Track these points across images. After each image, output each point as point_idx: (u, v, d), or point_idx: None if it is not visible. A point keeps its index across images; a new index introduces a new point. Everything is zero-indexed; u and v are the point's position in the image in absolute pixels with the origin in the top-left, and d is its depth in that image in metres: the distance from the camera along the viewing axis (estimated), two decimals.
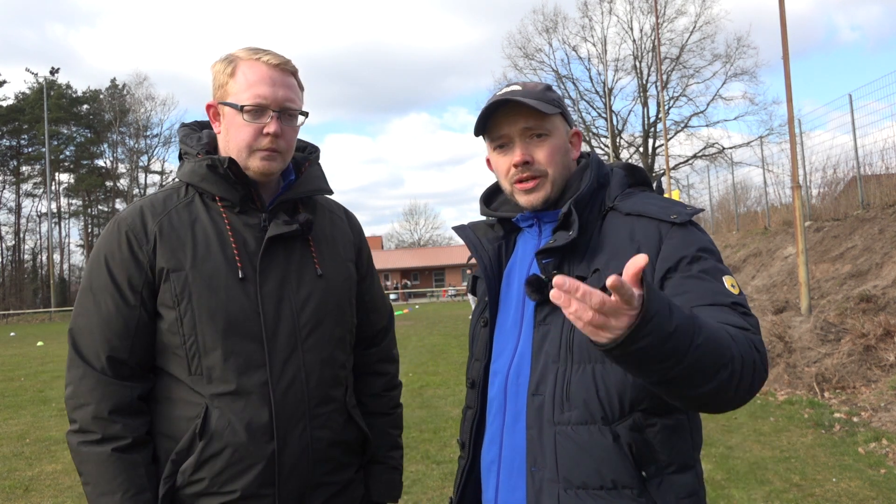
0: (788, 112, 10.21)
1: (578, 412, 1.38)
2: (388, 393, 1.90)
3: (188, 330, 1.56)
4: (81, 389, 1.58)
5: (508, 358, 1.53)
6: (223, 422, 1.55)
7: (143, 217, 1.61)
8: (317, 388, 1.63)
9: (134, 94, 57.66)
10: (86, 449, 1.55)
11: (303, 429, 1.61)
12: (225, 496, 1.56)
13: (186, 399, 1.58)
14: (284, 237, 1.63)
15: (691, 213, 1.43)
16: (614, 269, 1.38)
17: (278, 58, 1.63)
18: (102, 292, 1.59)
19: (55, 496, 5.33)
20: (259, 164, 1.61)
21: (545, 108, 1.49)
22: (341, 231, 1.81)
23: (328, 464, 1.66)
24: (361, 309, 1.84)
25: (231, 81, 1.61)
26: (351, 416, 1.72)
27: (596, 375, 1.38)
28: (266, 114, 1.59)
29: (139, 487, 1.53)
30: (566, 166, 1.55)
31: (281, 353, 1.59)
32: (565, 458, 1.39)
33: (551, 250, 1.46)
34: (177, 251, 1.58)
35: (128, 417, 1.56)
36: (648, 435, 1.37)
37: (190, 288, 1.56)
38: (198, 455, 1.55)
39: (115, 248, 1.59)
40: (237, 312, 1.57)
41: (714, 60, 39.17)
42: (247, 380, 1.56)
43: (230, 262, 1.58)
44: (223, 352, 1.55)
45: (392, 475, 1.86)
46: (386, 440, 1.86)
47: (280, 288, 1.62)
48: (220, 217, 1.63)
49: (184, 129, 1.76)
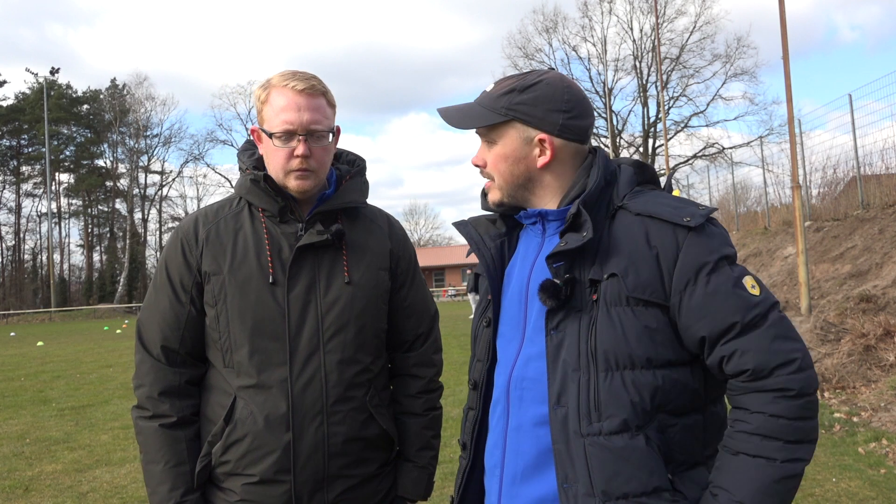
0: (788, 112, 10.21)
1: (613, 421, 1.35)
2: (423, 395, 1.97)
3: (223, 327, 1.75)
4: (141, 372, 1.81)
5: (511, 360, 1.50)
6: (246, 411, 1.73)
7: (196, 225, 1.82)
8: (336, 387, 1.75)
9: (134, 94, 57.78)
10: (141, 422, 1.79)
11: (319, 423, 1.73)
12: (247, 478, 1.74)
13: (222, 388, 1.78)
14: (316, 246, 1.77)
15: (705, 214, 1.40)
16: (633, 275, 1.37)
17: (305, 82, 1.74)
18: (161, 290, 1.82)
19: (55, 496, 5.32)
20: (295, 184, 1.76)
21: (469, 123, 1.51)
22: (378, 240, 1.90)
23: (345, 458, 1.77)
24: (399, 314, 1.94)
25: (265, 108, 1.76)
26: (372, 415, 1.81)
27: (626, 381, 1.36)
28: (294, 138, 1.72)
29: (179, 460, 1.76)
30: (517, 174, 1.50)
31: (302, 352, 1.74)
32: (601, 470, 1.35)
33: (563, 253, 1.40)
34: (218, 256, 1.77)
35: (175, 399, 1.78)
36: (669, 435, 1.37)
37: (225, 290, 1.75)
38: (224, 439, 1.74)
39: (172, 252, 1.82)
40: (264, 314, 1.73)
41: (714, 60, 39.31)
42: (268, 375, 1.72)
43: (263, 268, 1.75)
44: (250, 349, 1.73)
45: (420, 474, 1.94)
46: (418, 440, 1.95)
47: (307, 292, 1.76)
48: (261, 226, 1.80)
49: (244, 145, 1.94)
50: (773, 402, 1.31)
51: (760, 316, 1.34)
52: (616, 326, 1.36)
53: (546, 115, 1.47)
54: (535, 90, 1.47)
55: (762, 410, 1.32)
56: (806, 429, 1.31)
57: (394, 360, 1.98)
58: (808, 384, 1.32)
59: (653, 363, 1.36)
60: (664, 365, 1.37)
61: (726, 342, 1.35)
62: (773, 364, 1.32)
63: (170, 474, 1.74)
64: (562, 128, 1.47)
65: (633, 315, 1.37)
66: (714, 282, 1.36)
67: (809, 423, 1.32)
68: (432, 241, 78.61)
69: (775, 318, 1.35)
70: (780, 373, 1.32)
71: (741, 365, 1.34)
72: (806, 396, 1.31)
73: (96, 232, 61.17)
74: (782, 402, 1.31)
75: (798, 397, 1.31)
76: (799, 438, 1.31)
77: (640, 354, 1.36)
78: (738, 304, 1.35)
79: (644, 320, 1.36)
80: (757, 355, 1.33)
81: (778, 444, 1.30)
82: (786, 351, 1.33)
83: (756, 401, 1.33)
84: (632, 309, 1.37)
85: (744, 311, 1.34)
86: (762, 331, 1.34)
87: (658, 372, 1.36)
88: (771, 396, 1.31)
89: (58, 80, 59.43)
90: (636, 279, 1.37)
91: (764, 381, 1.32)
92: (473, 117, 1.51)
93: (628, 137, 43.76)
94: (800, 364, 1.32)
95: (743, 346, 1.34)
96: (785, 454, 1.30)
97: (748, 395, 1.34)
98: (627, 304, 1.37)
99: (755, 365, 1.33)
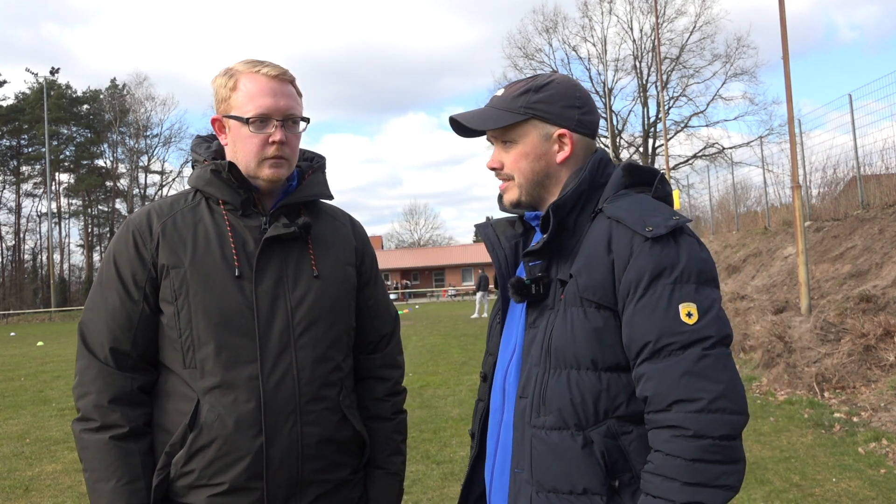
0: (788, 112, 10.21)
1: (553, 417, 1.39)
2: (390, 398, 1.92)
3: (184, 324, 1.63)
4: (85, 378, 1.65)
5: (508, 356, 1.56)
6: (213, 414, 1.60)
7: (149, 218, 1.70)
8: (308, 386, 1.67)
9: (134, 94, 57.76)
10: (86, 436, 1.62)
11: (292, 424, 1.63)
12: (214, 488, 1.60)
13: (182, 393, 1.64)
14: (282, 239, 1.69)
15: (671, 227, 1.36)
16: (585, 276, 1.39)
17: (277, 68, 1.70)
18: (109, 288, 1.68)
19: (55, 496, 5.32)
20: (268, 172, 1.68)
21: (493, 124, 1.53)
22: (343, 236, 1.85)
23: (319, 461, 1.68)
24: (364, 314, 1.88)
25: (234, 95, 1.68)
26: (346, 417, 1.74)
27: (571, 380, 1.38)
28: (270, 124, 1.66)
29: (133, 476, 1.60)
30: (538, 171, 1.54)
31: (273, 349, 1.64)
32: (539, 461, 1.40)
33: (535, 252, 1.48)
34: (177, 249, 1.65)
35: (127, 407, 1.63)
36: (623, 442, 1.36)
37: (187, 284, 1.63)
38: (188, 447, 1.60)
39: (122, 246, 1.69)
40: (231, 308, 1.63)
41: (714, 60, 39.23)
42: (237, 373, 1.61)
43: (227, 261, 1.65)
44: (216, 345, 1.61)
45: (391, 481, 1.88)
46: (387, 445, 1.88)
47: (276, 287, 1.67)
48: (222, 219, 1.70)
49: (197, 140, 1.85)
50: (670, 441, 1.27)
51: (678, 345, 1.30)
52: (567, 325, 1.40)
53: (563, 111, 1.53)
54: (550, 89, 1.54)
55: (661, 449, 1.29)
56: (710, 472, 1.25)
57: (358, 362, 1.87)
58: (712, 427, 1.25)
59: (598, 365, 1.37)
60: (611, 368, 1.37)
61: (640, 363, 1.33)
62: (672, 398, 1.28)
63: (123, 492, 1.57)
64: (577, 123, 1.54)
65: (584, 316, 1.39)
66: (648, 296, 1.33)
67: (715, 468, 1.25)
68: (432, 241, 78.63)
69: (697, 353, 1.29)
70: (678, 409, 1.27)
71: (644, 391, 1.32)
72: (706, 438, 1.25)
73: (96, 232, 61.10)
74: (679, 441, 1.26)
75: (696, 438, 1.25)
76: (700, 481, 1.24)
77: (585, 355, 1.37)
78: (658, 326, 1.31)
79: (594, 322, 1.38)
80: (658, 384, 1.29)
81: (676, 484, 1.25)
82: (692, 388, 1.27)
83: (657, 439, 1.30)
84: (584, 310, 1.39)
85: (659, 334, 1.31)
86: (673, 361, 1.29)
87: (604, 375, 1.37)
88: (669, 434, 1.28)
89: (58, 80, 59.47)
90: (588, 280, 1.39)
91: (662, 415, 1.29)
92: (493, 119, 1.54)
93: (628, 137, 43.77)
94: (705, 405, 1.26)
95: (649, 372, 1.31)
96: (683, 496, 1.24)
97: (652, 431, 1.32)
98: (580, 305, 1.39)
99: (653, 393, 1.30)
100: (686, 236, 1.40)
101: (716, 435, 1.26)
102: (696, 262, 1.36)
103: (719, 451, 1.26)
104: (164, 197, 1.82)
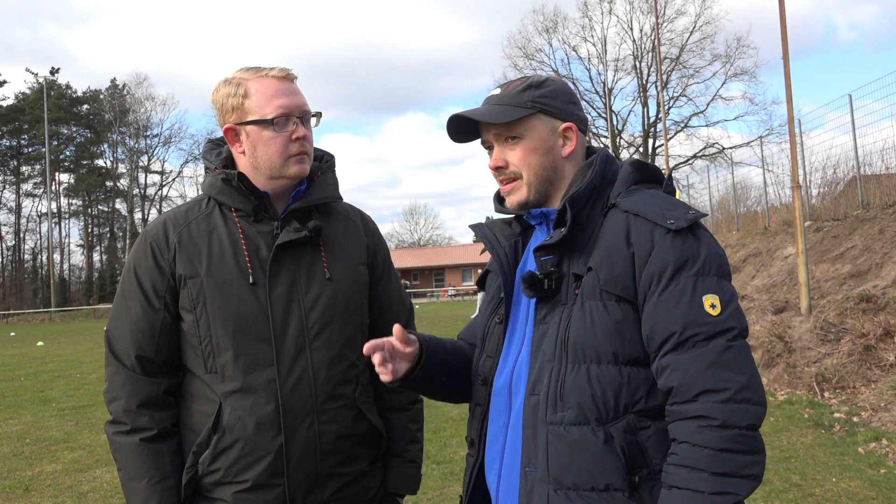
0: (788, 112, 10.21)
1: (572, 412, 1.37)
2: None
3: (203, 331, 1.70)
4: (114, 384, 1.74)
5: (514, 356, 1.53)
6: (234, 417, 1.68)
7: (165, 228, 1.76)
8: (324, 385, 1.73)
9: (134, 94, 57.88)
10: (118, 438, 1.72)
11: (310, 423, 1.71)
12: (238, 485, 1.69)
13: (205, 395, 1.72)
14: (294, 243, 1.73)
15: (691, 220, 1.37)
16: (606, 269, 1.39)
17: (283, 70, 1.75)
18: (131, 297, 1.75)
19: (55, 496, 5.33)
20: (295, 169, 1.73)
21: (503, 118, 1.50)
22: (354, 235, 1.88)
23: (337, 456, 1.75)
24: (378, 308, 1.92)
25: (247, 101, 1.72)
26: (361, 412, 1.79)
27: (591, 375, 1.37)
28: (290, 121, 1.72)
29: (163, 475, 1.69)
30: (547, 165, 1.53)
31: (289, 352, 1.71)
32: (556, 458, 1.37)
33: (549, 247, 1.46)
34: (193, 259, 1.72)
35: (154, 410, 1.71)
36: (642, 438, 1.35)
37: (204, 293, 1.70)
38: (213, 448, 1.69)
39: (141, 257, 1.75)
40: (247, 315, 1.69)
41: (714, 60, 39.28)
42: (256, 377, 1.68)
43: (242, 269, 1.71)
44: (234, 352, 1.68)
45: (409, 468, 1.94)
46: (404, 434, 1.94)
47: (289, 292, 1.73)
48: (235, 226, 1.75)
49: (207, 145, 1.89)
50: (697, 432, 1.27)
51: (703, 336, 1.30)
52: (587, 319, 1.38)
53: (565, 105, 1.56)
54: (549, 85, 1.55)
55: (687, 440, 1.28)
56: (736, 462, 1.25)
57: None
58: (739, 416, 1.26)
59: (619, 359, 1.36)
60: (631, 362, 1.37)
61: (664, 354, 1.33)
62: (699, 388, 1.28)
63: (155, 491, 1.67)
64: (577, 118, 1.56)
65: (605, 309, 1.38)
66: (672, 288, 1.34)
67: (741, 458, 1.26)
68: (432, 241, 78.61)
69: (722, 344, 1.30)
70: (705, 399, 1.27)
71: (668, 382, 1.32)
72: (734, 428, 1.26)
73: (96, 232, 61.21)
74: (706, 431, 1.26)
75: (723, 428, 1.26)
76: (727, 471, 1.25)
77: (606, 349, 1.36)
78: (683, 317, 1.32)
79: (614, 315, 1.37)
80: (684, 375, 1.29)
81: (703, 475, 1.25)
82: (718, 378, 1.28)
83: (682, 430, 1.30)
84: (604, 303, 1.38)
85: (684, 325, 1.31)
86: (699, 352, 1.30)
87: (624, 369, 1.36)
88: (695, 425, 1.27)
89: (57, 80, 59.52)
90: (609, 273, 1.38)
91: (688, 406, 1.29)
92: (502, 114, 1.52)
93: (628, 137, 43.80)
94: (732, 395, 1.27)
95: (675, 363, 1.31)
96: (711, 486, 1.24)
97: (675, 423, 1.31)
98: (600, 298, 1.38)
99: (679, 384, 1.30)
100: (703, 230, 1.42)
101: (742, 425, 1.26)
102: (715, 255, 1.38)
103: (745, 441, 1.26)
104: (179, 205, 1.88)
